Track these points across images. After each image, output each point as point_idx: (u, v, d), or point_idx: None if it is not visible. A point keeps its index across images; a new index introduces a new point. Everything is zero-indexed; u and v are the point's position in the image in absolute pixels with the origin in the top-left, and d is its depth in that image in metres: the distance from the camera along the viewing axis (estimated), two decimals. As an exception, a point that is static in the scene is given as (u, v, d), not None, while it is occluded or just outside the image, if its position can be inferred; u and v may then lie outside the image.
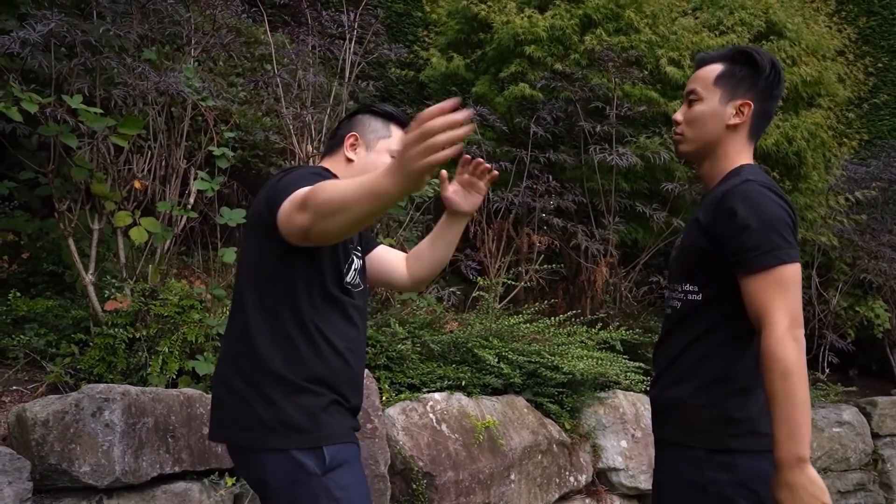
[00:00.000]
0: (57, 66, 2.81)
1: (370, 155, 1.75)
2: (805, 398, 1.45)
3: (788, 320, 1.47)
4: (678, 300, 1.68)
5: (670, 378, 1.67)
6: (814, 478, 1.44)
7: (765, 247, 1.51)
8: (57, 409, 2.06)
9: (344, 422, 1.62)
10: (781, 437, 1.44)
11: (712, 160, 1.70)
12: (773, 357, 1.46)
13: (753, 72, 1.67)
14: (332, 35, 4.02)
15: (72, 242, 2.94)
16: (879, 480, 4.99)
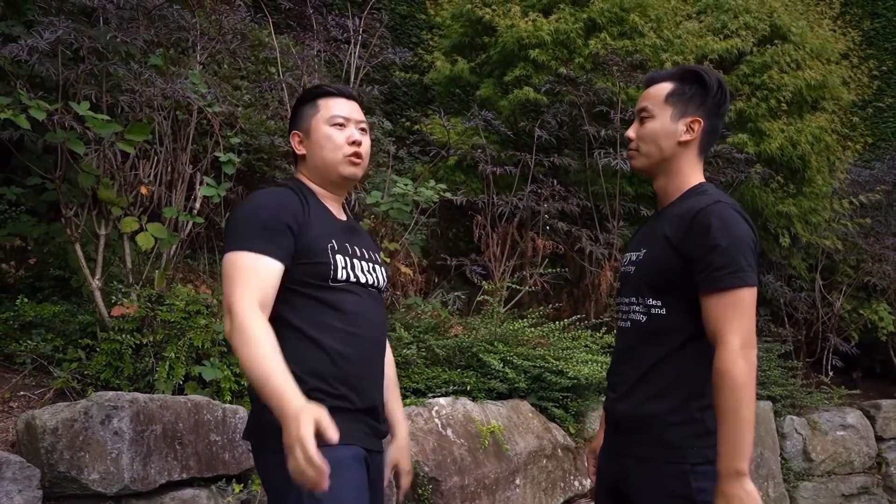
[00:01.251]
0: (64, 72, 2.82)
1: (312, 140, 1.75)
2: (750, 416, 1.53)
3: (742, 340, 1.54)
4: (641, 314, 1.71)
5: (643, 394, 1.69)
6: (750, 490, 1.51)
7: (730, 267, 1.57)
8: (66, 416, 2.07)
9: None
10: (724, 450, 1.52)
11: (667, 176, 1.76)
12: (724, 374, 1.53)
13: (702, 90, 1.73)
14: (337, 39, 4.02)
15: (78, 248, 2.95)
16: (883, 484, 4.99)
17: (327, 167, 1.74)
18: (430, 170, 4.58)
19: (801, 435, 4.70)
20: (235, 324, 1.50)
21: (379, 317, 1.74)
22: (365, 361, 1.66)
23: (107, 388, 2.73)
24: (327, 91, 1.78)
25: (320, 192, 1.77)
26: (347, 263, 1.68)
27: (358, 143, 1.74)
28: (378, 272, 1.77)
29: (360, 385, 1.64)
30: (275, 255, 1.58)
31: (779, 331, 5.18)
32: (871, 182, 5.78)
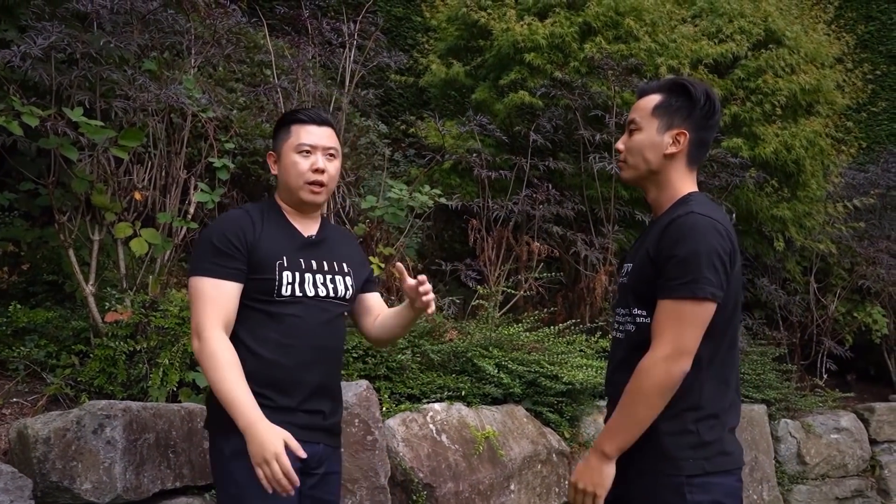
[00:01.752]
0: (57, 77, 2.81)
1: (281, 163, 1.93)
2: (641, 419, 1.61)
3: (670, 350, 1.59)
4: (631, 324, 1.73)
5: None
6: (606, 472, 1.65)
7: (682, 278, 1.59)
8: (58, 425, 2.06)
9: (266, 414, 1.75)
10: (607, 428, 1.67)
11: (657, 187, 1.78)
12: (638, 372, 1.62)
13: (688, 102, 1.74)
14: (332, 44, 4.02)
15: (72, 254, 2.94)
16: (877, 486, 5.00)
17: (290, 191, 1.93)
18: (425, 173, 4.58)
19: (796, 438, 4.71)
20: (203, 348, 1.75)
21: (324, 326, 1.89)
22: (299, 367, 1.84)
23: (100, 394, 2.72)
24: (300, 118, 1.93)
25: (289, 210, 1.96)
26: (296, 279, 1.86)
27: (321, 170, 1.90)
28: (339, 283, 1.93)
29: (289, 389, 1.83)
30: (231, 278, 1.81)
31: (773, 334, 5.19)
32: (865, 185, 5.80)
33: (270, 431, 1.67)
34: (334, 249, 1.99)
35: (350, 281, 1.97)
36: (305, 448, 1.77)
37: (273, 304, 1.84)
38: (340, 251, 2.00)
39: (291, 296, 1.85)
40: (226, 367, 1.72)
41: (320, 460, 1.88)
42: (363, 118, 4.95)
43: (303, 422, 1.82)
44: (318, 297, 1.88)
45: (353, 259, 2.03)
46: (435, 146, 4.71)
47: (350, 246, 2.09)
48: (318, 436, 1.86)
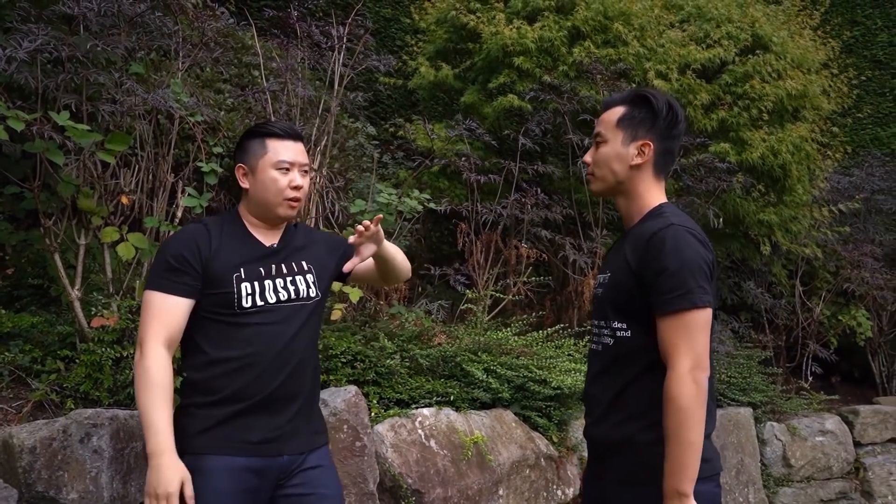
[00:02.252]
0: (43, 80, 2.78)
1: (257, 178, 1.93)
2: (696, 439, 1.56)
3: (691, 362, 1.57)
4: (609, 337, 1.74)
5: (616, 417, 1.71)
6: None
7: (679, 290, 1.60)
8: (44, 435, 2.04)
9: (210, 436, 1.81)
10: (669, 470, 1.57)
11: (626, 198, 1.80)
12: (671, 396, 1.57)
13: (651, 113, 1.76)
14: (321, 46, 4.00)
15: (58, 258, 2.91)
16: (861, 489, 5.06)
17: (267, 207, 1.94)
18: (414, 176, 4.58)
19: (781, 441, 4.75)
20: (140, 361, 1.78)
21: (291, 331, 1.89)
22: (264, 375, 1.84)
23: (86, 400, 2.70)
24: (276, 132, 1.94)
25: (254, 222, 1.98)
26: (255, 289, 1.88)
27: (298, 187, 1.94)
28: (300, 282, 1.95)
29: (252, 398, 1.83)
30: (180, 293, 1.83)
31: (759, 337, 5.23)
32: (850, 189, 5.86)
33: (172, 468, 1.69)
34: (295, 252, 2.01)
35: (311, 278, 1.98)
36: (263, 462, 1.81)
37: (235, 316, 1.86)
38: (301, 252, 2.02)
39: (253, 306, 1.87)
40: (151, 387, 1.75)
41: (289, 470, 1.88)
42: (352, 120, 4.94)
43: (259, 436, 1.83)
44: (280, 302, 1.90)
45: (315, 253, 2.04)
46: (423, 149, 4.71)
47: (311, 242, 2.08)
48: (279, 447, 1.86)
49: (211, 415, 1.82)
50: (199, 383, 1.87)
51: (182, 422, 1.85)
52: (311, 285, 1.97)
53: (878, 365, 6.07)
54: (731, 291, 5.41)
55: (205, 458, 1.79)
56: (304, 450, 1.91)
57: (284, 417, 1.87)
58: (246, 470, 1.80)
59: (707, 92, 4.53)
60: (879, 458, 5.13)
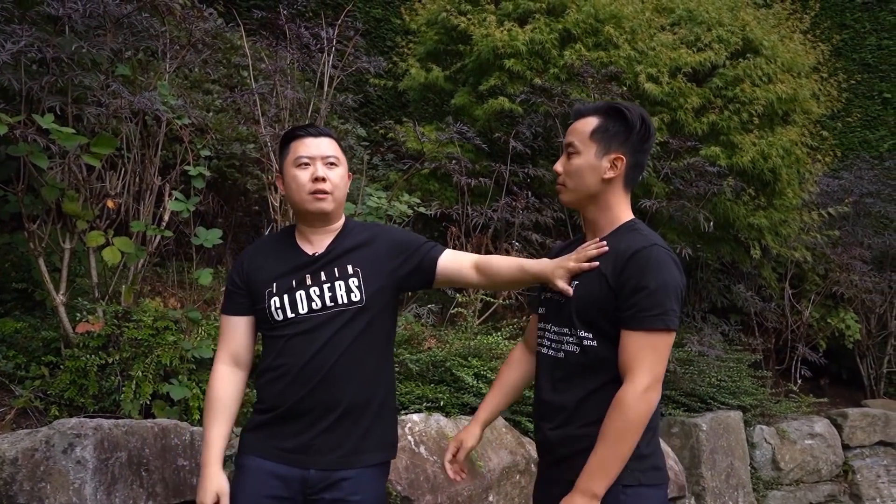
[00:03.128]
0: (28, 82, 2.73)
1: (285, 182, 1.95)
2: (626, 453, 1.62)
3: (650, 381, 1.62)
4: (574, 345, 1.75)
5: (580, 421, 1.73)
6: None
7: (655, 310, 1.64)
8: (26, 445, 2.01)
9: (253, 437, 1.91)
10: (590, 469, 1.62)
11: (595, 209, 1.81)
12: (622, 406, 1.61)
13: (625, 127, 1.77)
14: (311, 48, 3.97)
15: (42, 263, 2.88)
16: (850, 492, 5.07)
17: (296, 205, 1.93)
18: (404, 179, 4.55)
19: (770, 444, 4.76)
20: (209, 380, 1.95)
21: (323, 342, 1.84)
22: (292, 384, 1.85)
23: (71, 406, 2.66)
24: (297, 134, 1.95)
25: (302, 230, 1.96)
26: (284, 301, 1.88)
27: (321, 178, 1.88)
28: (339, 288, 1.87)
29: (283, 405, 1.86)
30: (236, 312, 1.97)
31: (749, 340, 5.24)
32: (839, 192, 5.87)
33: (212, 480, 1.84)
34: (342, 256, 1.91)
35: (356, 282, 1.87)
36: (288, 471, 1.82)
37: (273, 330, 1.91)
38: (350, 254, 1.91)
39: (284, 319, 1.88)
40: (209, 401, 1.92)
41: (316, 487, 1.82)
42: (341, 121, 4.91)
43: (289, 445, 1.84)
44: (312, 312, 1.86)
45: (369, 255, 1.92)
46: (414, 151, 4.68)
47: (370, 242, 1.95)
48: (306, 460, 1.82)
49: (255, 418, 1.93)
50: (258, 391, 1.96)
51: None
52: (353, 290, 1.87)
53: (866, 367, 6.10)
54: (721, 294, 5.41)
55: (246, 456, 1.90)
56: (337, 467, 1.83)
57: (317, 429, 1.83)
58: (273, 475, 1.84)
59: (698, 95, 4.52)
60: (868, 461, 5.15)
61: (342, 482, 1.81)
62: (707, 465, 4.32)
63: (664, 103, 4.48)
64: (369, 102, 6.44)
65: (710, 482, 4.33)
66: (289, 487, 1.82)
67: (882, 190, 6.17)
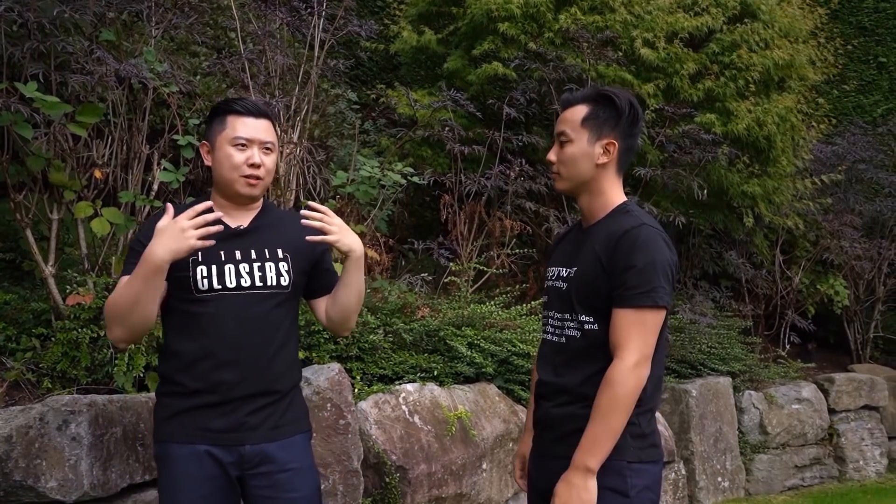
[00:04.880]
0: (8, 48, 2.65)
1: (216, 156, 1.89)
2: (618, 428, 1.66)
3: (638, 357, 1.66)
4: (576, 330, 1.79)
5: (583, 401, 1.75)
6: (591, 487, 1.66)
7: (643, 287, 1.68)
8: (20, 423, 2.00)
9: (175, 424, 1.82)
10: (584, 444, 1.67)
11: (589, 195, 1.84)
12: (612, 383, 1.66)
13: (615, 113, 1.81)
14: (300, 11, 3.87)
15: (30, 234, 2.83)
16: (834, 454, 5.18)
17: (225, 184, 1.88)
18: (398, 146, 4.49)
19: (759, 409, 4.83)
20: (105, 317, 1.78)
21: (250, 320, 1.82)
22: (217, 367, 1.79)
23: (64, 378, 2.65)
24: (236, 108, 1.88)
25: (222, 203, 1.91)
26: (213, 271, 1.82)
27: (257, 165, 1.87)
28: (269, 269, 1.86)
29: (208, 389, 1.79)
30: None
31: (739, 307, 5.28)
32: (832, 159, 5.86)
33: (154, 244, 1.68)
34: (269, 236, 1.91)
35: (286, 266, 1.88)
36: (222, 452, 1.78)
37: (192, 303, 1.81)
38: (276, 237, 1.92)
39: (209, 290, 1.81)
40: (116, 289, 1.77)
41: (252, 461, 1.82)
42: (331, 85, 4.82)
43: (220, 425, 1.80)
44: (241, 288, 1.83)
45: (296, 244, 1.92)
46: (406, 117, 4.61)
47: (292, 230, 1.94)
48: (241, 437, 1.81)
49: (172, 404, 1.82)
50: (163, 375, 1.88)
51: (155, 410, 1.89)
52: (283, 273, 1.88)
53: (853, 332, 6.17)
54: (713, 261, 5.43)
55: (169, 445, 1.81)
56: (270, 440, 1.85)
57: (249, 409, 1.82)
58: (207, 456, 1.79)
59: (694, 61, 4.47)
60: (853, 425, 5.25)
61: (276, 454, 1.84)
62: (696, 430, 4.38)
63: (660, 69, 4.42)
64: (360, 65, 6.31)
65: (699, 446, 4.40)
66: (224, 467, 1.81)
67: (875, 156, 6.16)
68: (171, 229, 1.66)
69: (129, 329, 1.74)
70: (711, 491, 4.45)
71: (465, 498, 3.15)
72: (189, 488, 1.77)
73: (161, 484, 1.82)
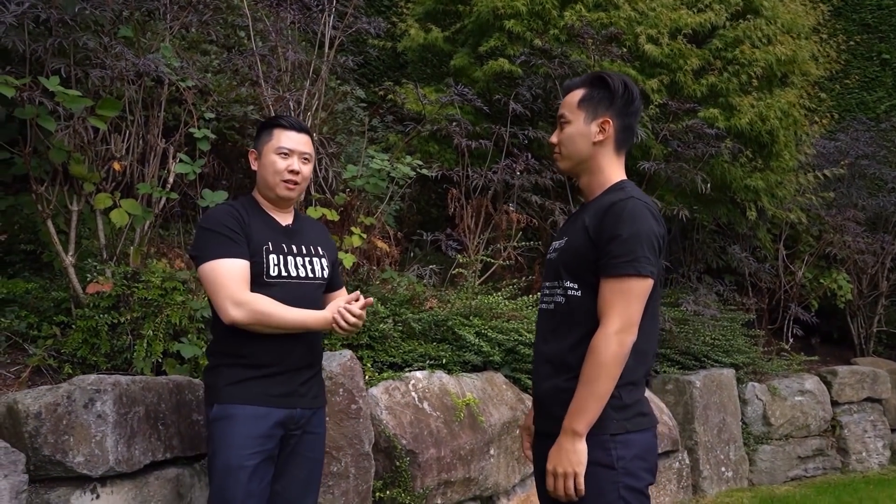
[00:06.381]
0: (31, 44, 2.73)
1: (262, 161, 2.20)
2: (604, 392, 1.73)
3: (620, 324, 1.73)
4: (561, 296, 1.87)
5: (564, 375, 1.82)
6: (580, 449, 1.74)
7: (626, 257, 1.74)
8: (49, 400, 2.08)
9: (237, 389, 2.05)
10: (572, 410, 1.75)
11: (589, 174, 1.93)
12: (595, 350, 1.74)
13: (608, 93, 1.90)
14: (311, 9, 3.95)
15: (51, 224, 2.91)
16: (837, 446, 5.24)
17: (268, 187, 2.19)
18: (406, 142, 4.57)
19: (762, 400, 4.89)
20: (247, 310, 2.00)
21: (307, 302, 2.13)
22: (282, 342, 2.09)
23: (84, 364, 2.73)
24: (282, 123, 2.21)
25: (266, 204, 2.23)
26: (280, 261, 2.13)
27: (296, 172, 2.18)
28: (316, 264, 2.21)
29: (271, 361, 2.08)
30: (241, 256, 2.07)
31: (743, 300, 5.34)
32: (835, 154, 5.91)
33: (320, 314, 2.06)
34: (309, 235, 2.27)
35: (325, 262, 2.25)
36: (283, 413, 2.08)
37: (262, 287, 2.08)
38: (314, 237, 2.28)
39: (278, 276, 2.12)
40: (274, 308, 2.02)
41: (298, 422, 2.13)
42: (340, 83, 4.90)
43: (279, 391, 2.09)
44: (299, 278, 2.16)
45: (328, 245, 2.31)
46: (413, 113, 4.69)
47: (322, 233, 2.35)
48: (294, 401, 2.12)
49: (237, 373, 2.07)
50: (227, 351, 2.09)
51: (211, 380, 2.12)
52: (324, 268, 2.24)
53: (856, 326, 6.22)
54: (717, 255, 5.49)
55: (232, 406, 2.03)
56: (313, 406, 2.19)
57: (299, 380, 2.14)
58: (264, 417, 2.04)
59: (697, 57, 4.53)
60: (855, 417, 5.31)
61: (312, 419, 2.18)
62: (700, 420, 4.45)
63: (664, 65, 4.49)
64: (368, 63, 6.40)
65: (703, 437, 4.46)
66: (280, 426, 2.08)
67: (877, 152, 6.21)
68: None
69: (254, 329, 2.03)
70: (715, 481, 4.51)
71: (473, 482, 3.22)
72: (245, 445, 1.99)
73: (218, 442, 2.01)
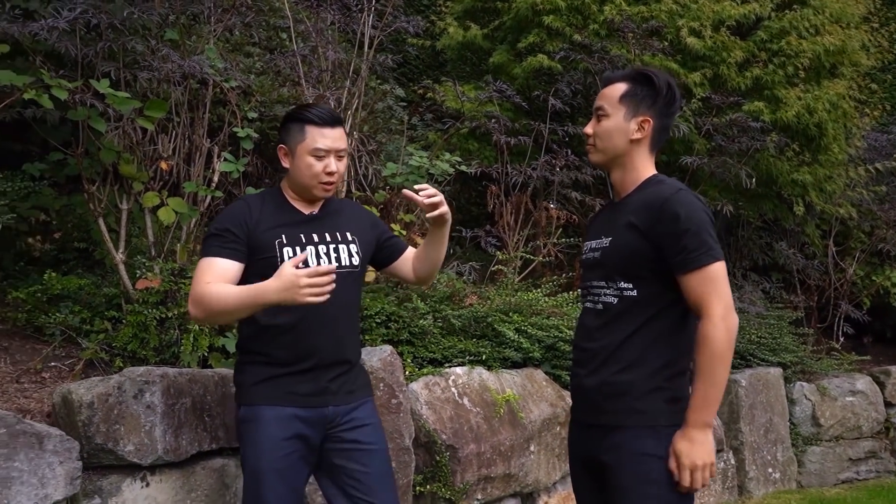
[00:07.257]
0: (83, 49, 2.83)
1: (295, 162, 2.05)
2: (722, 379, 1.75)
3: (723, 309, 1.74)
4: (613, 297, 1.85)
5: (614, 367, 1.83)
6: (709, 441, 1.76)
7: (702, 248, 1.75)
8: (101, 391, 2.15)
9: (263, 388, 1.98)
10: (696, 403, 1.75)
11: (622, 170, 1.91)
12: (706, 339, 1.74)
13: (652, 92, 1.88)
14: (351, 9, 4.00)
15: (102, 223, 3.01)
16: (891, 448, 5.07)
17: (304, 188, 2.08)
18: (445, 139, 4.59)
19: (811, 401, 4.77)
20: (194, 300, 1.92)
21: (333, 294, 1.90)
22: (302, 337, 1.99)
23: (134, 358, 2.81)
24: (314, 119, 2.04)
25: (293, 196, 2.12)
26: (297, 253, 2.00)
27: (333, 173, 2.06)
28: (343, 251, 2.07)
29: (293, 358, 1.99)
30: (228, 256, 1.97)
31: (790, 298, 5.21)
32: (887, 147, 5.72)
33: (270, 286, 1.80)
34: (337, 221, 2.13)
35: (355, 248, 2.10)
36: (312, 412, 1.97)
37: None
38: (343, 222, 2.13)
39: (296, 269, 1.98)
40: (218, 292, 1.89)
41: (333, 420, 2.02)
42: (379, 82, 4.95)
43: (307, 389, 1.99)
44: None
45: (359, 226, 2.16)
46: (453, 111, 4.71)
47: (354, 215, 2.20)
48: (325, 399, 2.01)
49: (262, 371, 2.00)
50: (252, 348, 2.04)
51: (239, 378, 2.06)
52: (353, 255, 2.09)
53: (911, 325, 6.01)
54: (763, 252, 5.37)
55: (259, 408, 1.97)
56: (349, 402, 2.06)
57: (328, 377, 2.03)
58: (293, 418, 1.96)
59: (741, 49, 4.44)
60: (910, 418, 5.13)
61: (354, 413, 2.05)
62: (746, 420, 4.36)
63: (706, 58, 4.42)
64: (407, 62, 6.44)
65: (749, 437, 4.37)
66: (311, 426, 1.99)
67: (933, 144, 5.99)
68: (290, 280, 1.76)
69: (210, 321, 1.97)
70: (762, 482, 4.42)
71: (513, 478, 3.22)
72: (273, 448, 1.93)
73: (246, 445, 1.97)
